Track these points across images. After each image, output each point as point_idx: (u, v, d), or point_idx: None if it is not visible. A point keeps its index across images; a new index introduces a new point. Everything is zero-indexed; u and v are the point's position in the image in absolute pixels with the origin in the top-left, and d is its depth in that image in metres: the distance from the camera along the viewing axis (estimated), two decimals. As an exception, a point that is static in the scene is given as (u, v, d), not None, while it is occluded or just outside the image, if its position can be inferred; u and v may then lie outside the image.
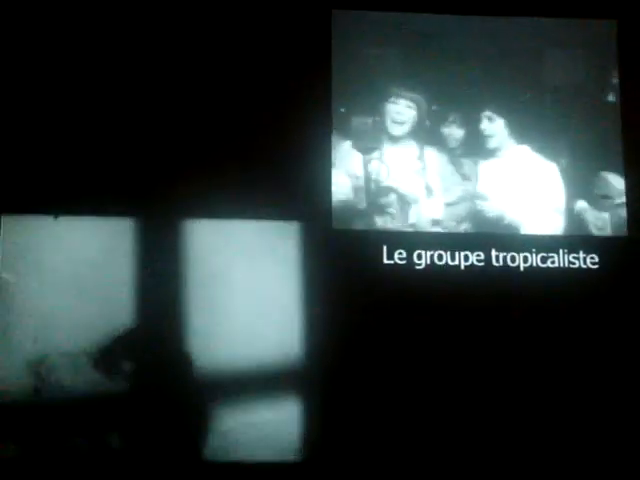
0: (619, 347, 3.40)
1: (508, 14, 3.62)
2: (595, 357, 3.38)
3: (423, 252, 3.42)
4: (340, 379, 3.31)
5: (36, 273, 3.30)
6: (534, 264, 3.44)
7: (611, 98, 3.61)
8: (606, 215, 3.51)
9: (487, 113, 3.55)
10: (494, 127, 3.55)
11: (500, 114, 3.56)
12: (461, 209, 3.49)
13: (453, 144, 3.53)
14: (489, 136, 3.55)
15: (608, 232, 3.51)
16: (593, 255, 3.47)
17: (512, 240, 3.46)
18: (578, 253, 3.47)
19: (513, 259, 3.44)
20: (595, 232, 3.51)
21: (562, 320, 3.41)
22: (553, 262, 3.45)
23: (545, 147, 3.55)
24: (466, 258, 3.43)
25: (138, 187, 3.39)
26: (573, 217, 3.51)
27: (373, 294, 3.37)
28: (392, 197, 3.47)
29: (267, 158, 3.43)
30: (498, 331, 3.37)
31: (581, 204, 3.52)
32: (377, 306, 3.36)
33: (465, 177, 3.51)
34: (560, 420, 3.34)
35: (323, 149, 3.46)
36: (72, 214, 3.35)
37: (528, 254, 3.45)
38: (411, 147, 3.52)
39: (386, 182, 3.48)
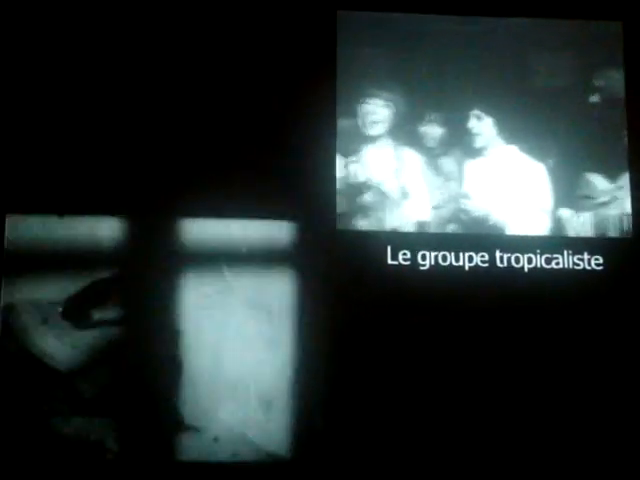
0: (623, 349, 3.39)
1: (514, 15, 3.62)
2: (599, 358, 3.38)
3: (427, 253, 3.42)
4: (344, 379, 3.31)
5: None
6: (538, 265, 3.44)
7: (595, 99, 3.61)
8: (588, 215, 3.51)
9: (476, 112, 3.55)
10: (482, 126, 3.54)
11: (489, 113, 3.55)
12: (446, 210, 3.48)
13: (431, 143, 3.51)
14: (476, 134, 3.54)
15: (589, 232, 3.49)
16: (598, 257, 3.47)
17: (516, 241, 3.46)
18: (583, 254, 3.46)
19: (517, 260, 3.44)
20: (575, 233, 3.49)
21: (566, 321, 3.40)
22: (557, 263, 3.45)
23: (532, 147, 3.54)
24: (470, 259, 3.43)
25: (144, 186, 3.40)
26: (556, 217, 3.50)
27: (377, 295, 3.37)
28: (373, 199, 3.47)
29: (271, 157, 3.43)
30: (502, 332, 3.37)
31: (564, 204, 3.51)
32: (381, 307, 3.36)
33: (449, 177, 3.50)
34: (565, 421, 3.33)
35: (327, 149, 3.47)
36: (77, 213, 3.36)
37: (532, 255, 3.45)
38: (390, 147, 3.51)
39: (366, 184, 3.47)
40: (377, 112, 3.52)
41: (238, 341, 3.32)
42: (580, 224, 3.50)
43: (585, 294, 3.43)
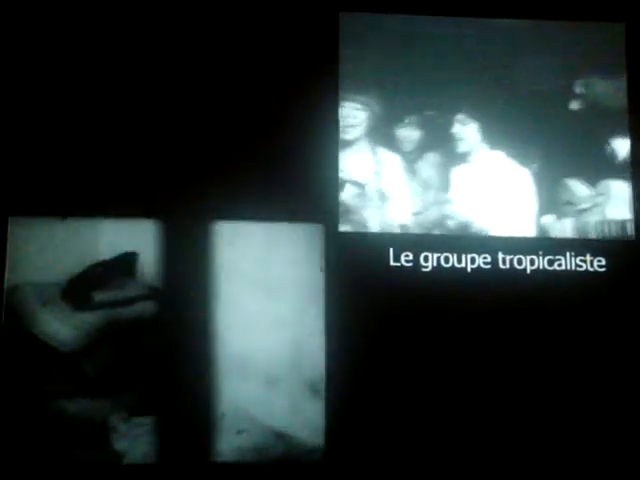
0: (625, 350, 3.39)
1: (515, 17, 3.63)
2: (601, 359, 3.38)
3: (430, 254, 3.42)
4: (346, 381, 3.31)
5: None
6: (541, 267, 3.44)
7: (577, 106, 3.60)
8: (568, 221, 3.51)
9: (460, 116, 3.54)
10: (466, 131, 3.53)
11: (474, 118, 3.54)
12: (427, 215, 3.47)
13: (409, 147, 3.51)
14: (459, 140, 3.54)
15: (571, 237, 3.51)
16: (600, 258, 3.47)
17: (519, 242, 3.46)
18: (585, 256, 3.46)
19: (520, 262, 3.44)
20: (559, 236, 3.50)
21: (568, 323, 3.40)
22: (560, 265, 3.45)
23: (516, 153, 3.54)
24: (473, 260, 3.43)
25: (143, 186, 3.41)
26: (539, 223, 3.50)
27: (379, 296, 3.36)
28: (352, 203, 3.46)
29: (274, 161, 3.43)
30: (504, 333, 3.37)
31: (547, 210, 3.51)
32: (383, 308, 3.35)
33: (431, 181, 3.50)
34: (568, 420, 3.33)
35: (330, 152, 3.47)
36: (81, 215, 3.36)
37: (535, 257, 3.45)
38: (369, 151, 3.51)
39: (346, 187, 3.47)
40: (356, 116, 3.52)
41: (244, 320, 3.32)
42: (562, 229, 3.49)
43: (587, 295, 3.43)
